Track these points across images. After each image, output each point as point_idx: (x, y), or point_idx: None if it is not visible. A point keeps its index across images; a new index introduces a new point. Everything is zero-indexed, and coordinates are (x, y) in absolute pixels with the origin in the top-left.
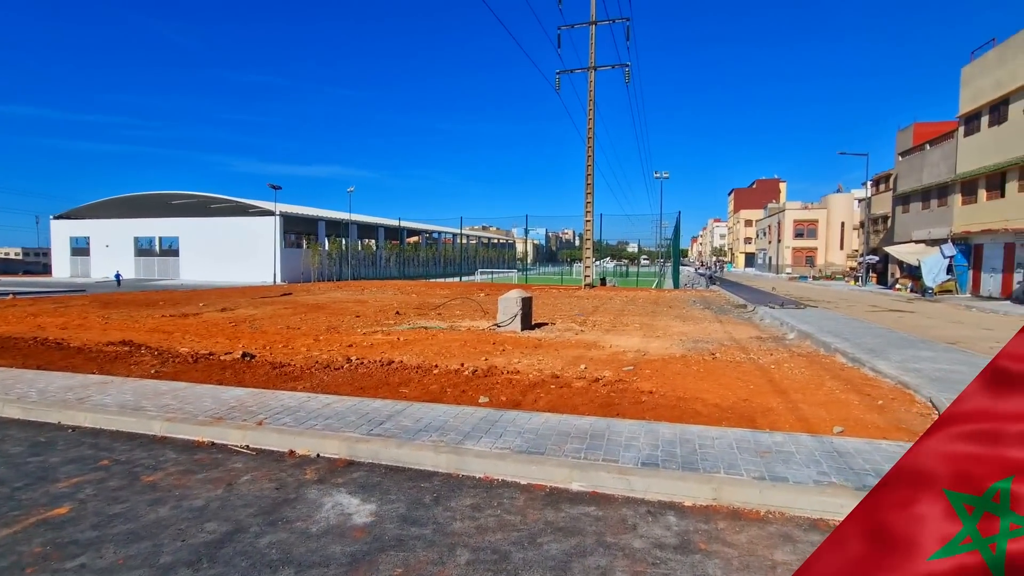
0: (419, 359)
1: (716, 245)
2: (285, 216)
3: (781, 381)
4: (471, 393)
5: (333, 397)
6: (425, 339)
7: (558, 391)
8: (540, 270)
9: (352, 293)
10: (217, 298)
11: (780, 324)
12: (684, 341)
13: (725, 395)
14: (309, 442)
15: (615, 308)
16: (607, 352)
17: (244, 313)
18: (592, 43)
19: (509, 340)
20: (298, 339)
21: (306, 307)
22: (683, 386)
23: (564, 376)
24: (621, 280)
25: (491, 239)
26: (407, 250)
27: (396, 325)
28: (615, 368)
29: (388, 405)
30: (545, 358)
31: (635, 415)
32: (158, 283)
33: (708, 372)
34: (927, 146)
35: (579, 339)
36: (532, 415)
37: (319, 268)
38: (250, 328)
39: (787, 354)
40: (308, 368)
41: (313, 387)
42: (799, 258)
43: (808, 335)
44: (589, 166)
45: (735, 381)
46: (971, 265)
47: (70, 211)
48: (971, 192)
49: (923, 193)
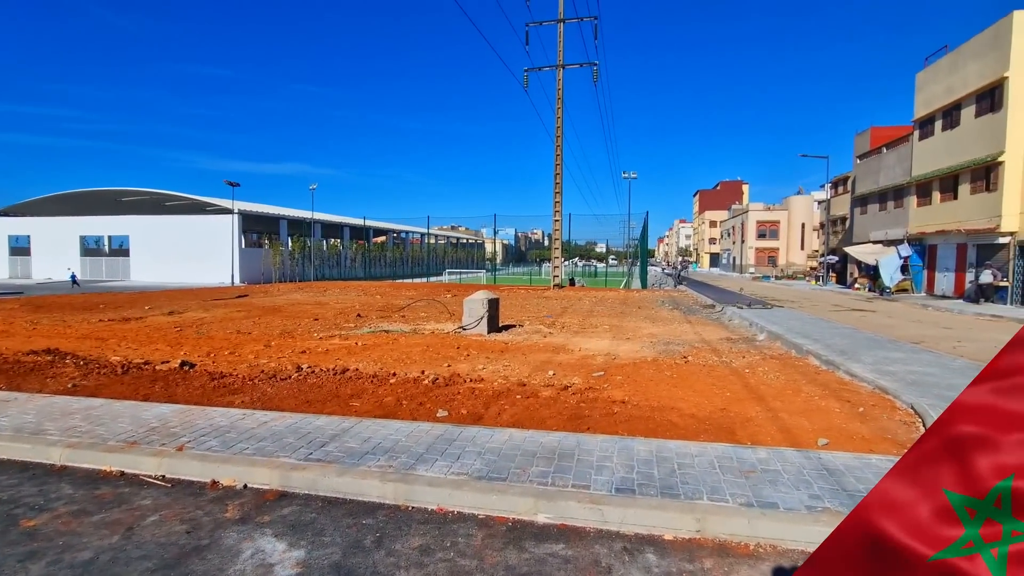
0: (377, 366)
1: (682, 245)
2: (244, 215)
3: (758, 387)
4: (429, 406)
5: (273, 414)
6: (385, 344)
7: (524, 402)
8: (509, 270)
9: (313, 295)
10: (166, 300)
11: (749, 324)
12: (655, 343)
13: (701, 404)
14: (235, 470)
15: (584, 309)
16: (576, 356)
17: (193, 317)
18: (560, 41)
19: (474, 344)
20: (247, 345)
21: (261, 310)
22: (656, 394)
23: (531, 384)
24: (590, 280)
25: (460, 239)
26: (373, 250)
27: (356, 329)
28: (585, 374)
29: (334, 422)
30: (511, 363)
31: (607, 429)
32: (106, 285)
33: (681, 377)
34: (884, 149)
35: (547, 342)
36: (495, 431)
37: (281, 269)
38: (196, 333)
39: (759, 356)
40: (251, 379)
41: (252, 401)
42: (762, 258)
43: (778, 336)
44: (558, 165)
45: (710, 387)
46: (926, 265)
47: (8, 208)
48: (926, 194)
49: (880, 195)
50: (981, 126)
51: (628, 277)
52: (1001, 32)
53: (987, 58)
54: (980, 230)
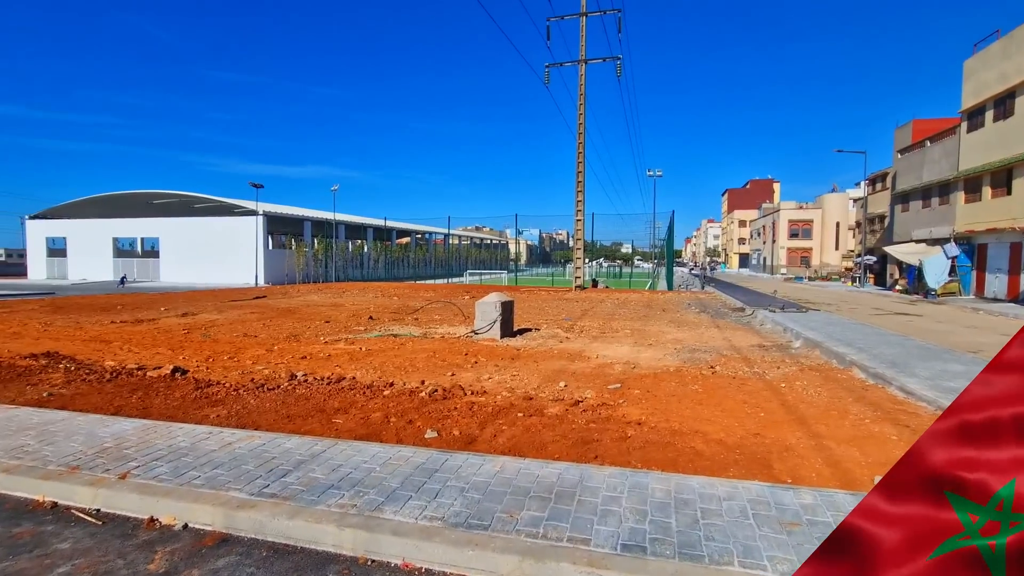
0: (375, 374)
1: (710, 246)
2: (269, 216)
3: (796, 405)
4: (419, 424)
5: (242, 433)
6: (391, 349)
7: (526, 421)
8: (533, 271)
9: (330, 296)
10: (184, 302)
11: (783, 330)
12: (679, 350)
13: (731, 427)
14: (177, 506)
15: (605, 312)
16: (592, 364)
17: (205, 319)
18: (583, 35)
19: (484, 350)
20: (250, 349)
21: (275, 311)
22: (679, 413)
23: (538, 398)
24: (614, 282)
25: (484, 240)
26: (396, 251)
27: (365, 332)
28: (600, 386)
29: (306, 445)
30: (521, 372)
31: (618, 458)
32: (136, 285)
33: (708, 392)
34: (927, 143)
35: (563, 348)
36: (485, 460)
37: (304, 270)
38: (202, 336)
39: (796, 367)
40: (238, 388)
41: (228, 416)
42: (794, 258)
43: (816, 343)
44: (580, 163)
45: (741, 406)
46: (975, 266)
47: (46, 211)
48: (975, 190)
49: (923, 191)
50: None
51: (654, 278)
52: None
53: None
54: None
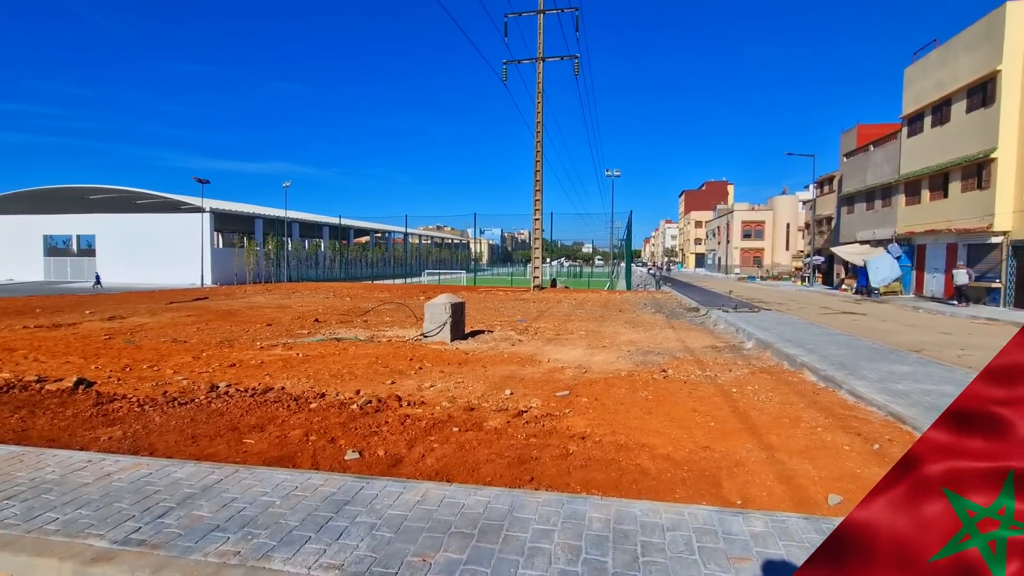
0: (307, 384)
1: (668, 246)
2: (217, 214)
3: (748, 413)
4: (342, 442)
5: (127, 460)
6: (332, 354)
7: (461, 437)
8: (494, 271)
9: (278, 297)
10: (115, 304)
11: (735, 330)
12: (632, 352)
13: (680, 439)
14: (14, 561)
15: (562, 312)
16: (543, 369)
17: (134, 322)
18: (540, 33)
19: (431, 354)
20: (174, 356)
21: (214, 314)
22: (626, 423)
23: (480, 409)
24: (573, 282)
25: (445, 239)
26: (353, 251)
27: (308, 336)
28: (547, 393)
29: (201, 473)
30: (466, 379)
31: (556, 480)
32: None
33: (658, 399)
34: (871, 147)
35: (514, 352)
36: (406, 487)
37: (255, 269)
38: (125, 342)
39: (748, 370)
40: (146, 403)
41: (123, 437)
42: (747, 258)
43: (768, 344)
44: (538, 161)
45: (691, 414)
46: (914, 266)
47: None
48: (914, 192)
49: (867, 194)
50: (973, 121)
51: (613, 278)
52: (994, 24)
53: (979, 51)
54: (971, 229)
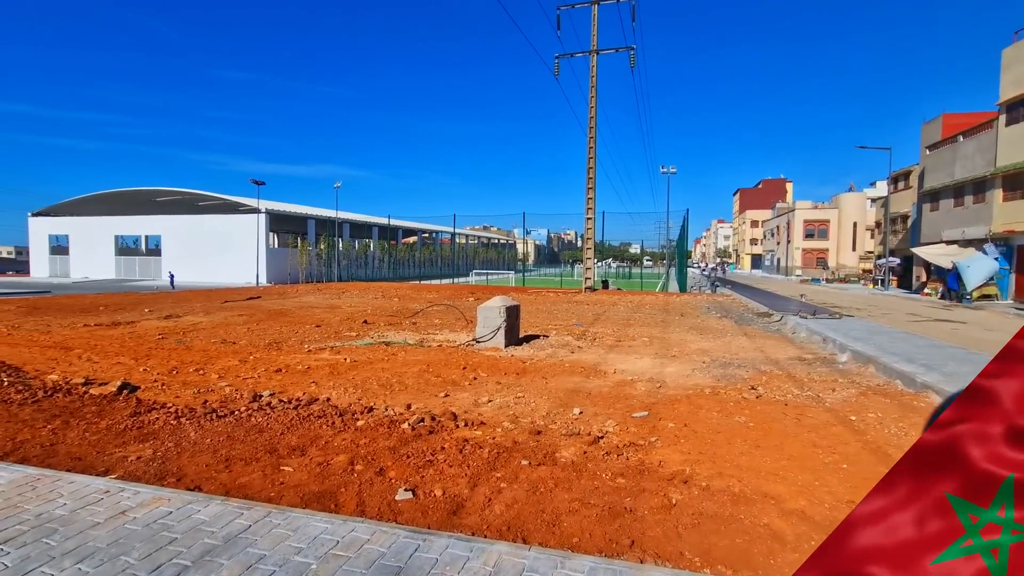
0: (354, 395)
1: (720, 246)
2: (271, 214)
3: (884, 449)
4: (393, 474)
5: (148, 492)
6: (380, 360)
7: (533, 473)
8: (540, 271)
9: (328, 297)
10: (173, 302)
11: (822, 339)
12: (709, 364)
13: (811, 487)
14: None
15: (619, 316)
16: (611, 381)
17: (188, 321)
18: (594, 24)
19: (486, 362)
20: (222, 359)
21: (265, 314)
22: (732, 461)
23: (548, 433)
24: (624, 283)
25: (491, 239)
26: (401, 250)
27: (356, 339)
28: (622, 413)
29: (227, 515)
30: (526, 393)
31: (664, 545)
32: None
33: (761, 426)
34: (960, 138)
35: (575, 360)
36: (474, 547)
37: (307, 269)
38: (176, 343)
39: (855, 389)
40: (184, 413)
41: (152, 458)
42: (809, 259)
43: (868, 358)
44: (591, 159)
45: (811, 450)
46: (1014, 268)
47: (49, 208)
48: (1014, 187)
49: (955, 189)
50: None
51: (665, 279)
52: None
53: None
54: None
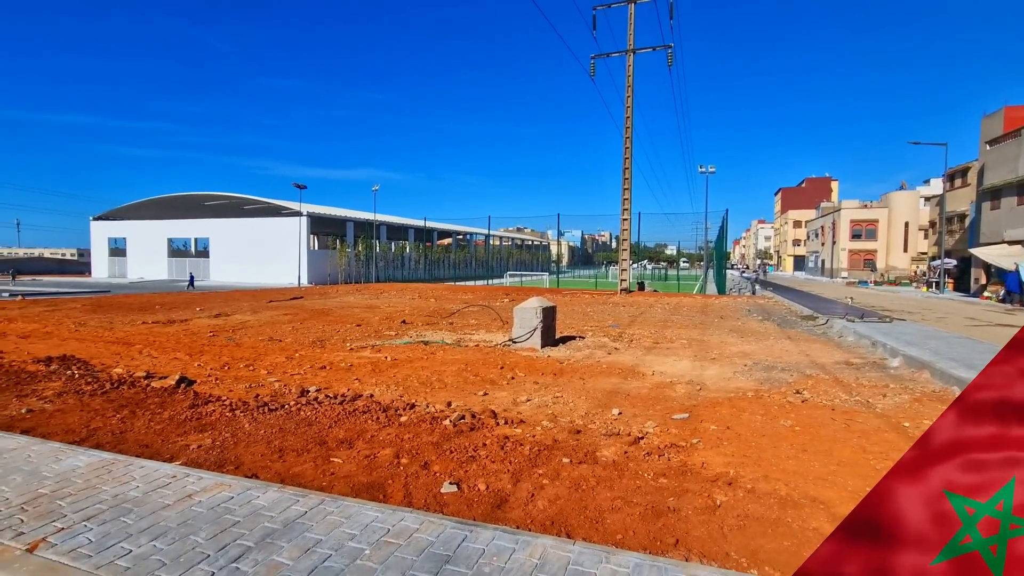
0: (396, 392)
1: (760, 247)
2: (312, 217)
3: None
4: (437, 468)
5: (210, 478)
6: (419, 359)
7: (574, 471)
8: (574, 273)
9: (367, 297)
10: (222, 302)
11: (871, 343)
12: (750, 367)
13: (861, 493)
14: None
15: (657, 318)
16: (649, 383)
17: (236, 320)
18: (631, 23)
19: (523, 362)
20: (270, 356)
21: (308, 313)
22: (777, 464)
23: (587, 432)
24: (660, 284)
25: (525, 241)
26: (436, 252)
27: (395, 338)
28: (662, 414)
29: (284, 501)
30: (565, 393)
31: (709, 545)
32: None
33: (807, 431)
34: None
35: (612, 361)
36: (519, 540)
37: (346, 270)
38: (227, 340)
39: (908, 396)
40: (238, 406)
41: (212, 446)
42: (856, 261)
43: (923, 363)
44: (627, 159)
45: (861, 455)
46: None
47: (109, 212)
48: None
49: (1019, 186)
50: None
51: (703, 281)
52: None
53: None
54: None
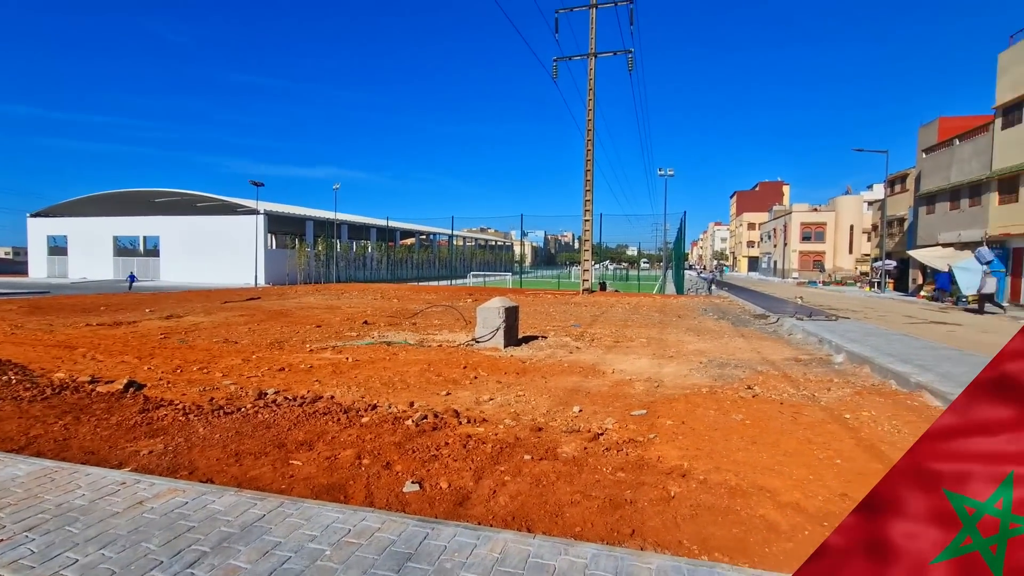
0: (358, 393)
1: (717, 249)
2: (270, 215)
3: (877, 446)
4: (399, 467)
5: (163, 483)
6: (382, 359)
7: (535, 467)
8: (537, 273)
9: (327, 298)
10: (174, 303)
11: (818, 341)
12: (706, 364)
13: (806, 481)
14: None
15: (617, 318)
16: (609, 381)
17: (189, 321)
18: (592, 28)
19: (486, 362)
20: (225, 358)
21: (266, 314)
22: (729, 456)
23: (549, 429)
24: (622, 284)
25: (488, 241)
26: (399, 252)
27: (357, 339)
28: (621, 411)
29: (242, 505)
30: (527, 392)
31: (663, 534)
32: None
33: (757, 423)
34: (956, 141)
35: (574, 360)
36: (481, 535)
37: (305, 270)
38: (179, 342)
39: (851, 389)
40: (192, 410)
41: (163, 452)
42: (806, 262)
43: (864, 359)
44: (588, 161)
45: (806, 446)
46: (1010, 271)
47: (47, 208)
48: (1010, 190)
49: (952, 192)
50: None
51: (662, 281)
52: None
53: None
54: None
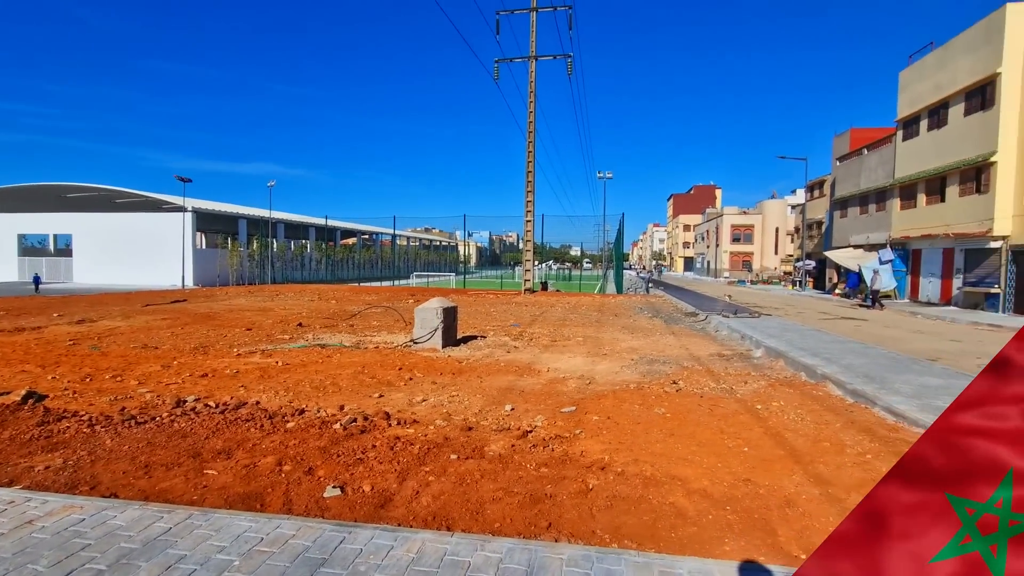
0: (286, 398)
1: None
2: (199, 213)
3: (782, 434)
4: (322, 473)
5: (59, 500)
6: (314, 362)
7: (461, 466)
8: (482, 273)
9: (261, 299)
10: (88, 306)
11: (740, 337)
12: (637, 361)
13: (714, 468)
14: None
15: (556, 317)
16: (543, 380)
17: (105, 326)
18: (533, 31)
19: (422, 363)
20: (143, 364)
21: (191, 317)
22: (648, 448)
23: (479, 429)
24: (564, 284)
25: (433, 241)
26: (339, 252)
27: (289, 342)
28: (552, 408)
29: (146, 518)
30: (461, 392)
31: (579, 525)
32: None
33: (677, 416)
34: (865, 151)
35: (511, 360)
36: (399, 536)
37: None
38: (91, 348)
39: (765, 381)
40: (99, 421)
41: (63, 466)
42: (736, 262)
43: (779, 353)
44: (530, 162)
45: (719, 436)
46: (909, 270)
47: None
48: (910, 196)
49: (861, 198)
50: (971, 125)
51: (603, 281)
52: (993, 26)
53: (978, 53)
54: (969, 234)
